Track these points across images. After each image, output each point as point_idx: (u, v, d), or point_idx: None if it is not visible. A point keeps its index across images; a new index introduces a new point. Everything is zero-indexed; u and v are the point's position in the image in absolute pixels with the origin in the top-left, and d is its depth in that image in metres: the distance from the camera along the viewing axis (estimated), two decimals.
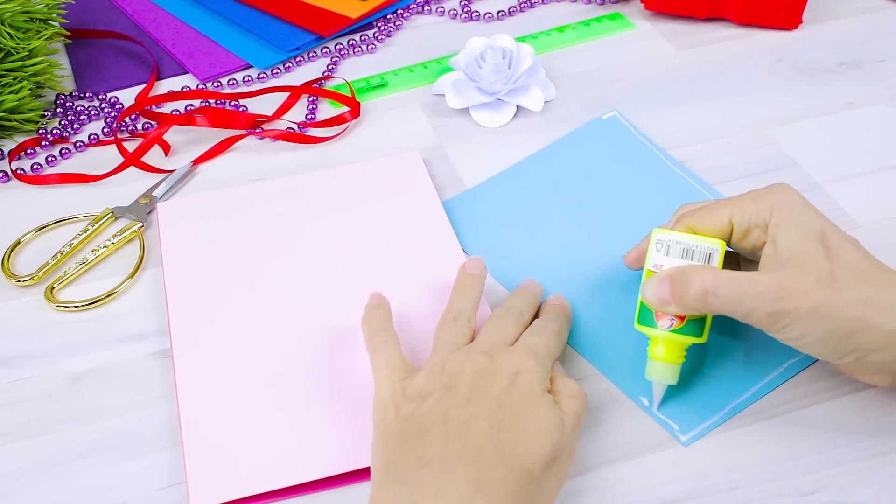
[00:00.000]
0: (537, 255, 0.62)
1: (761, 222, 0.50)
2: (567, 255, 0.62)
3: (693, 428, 0.53)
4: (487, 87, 0.74)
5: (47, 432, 0.54)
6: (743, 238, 0.51)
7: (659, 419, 0.53)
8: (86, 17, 0.87)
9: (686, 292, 0.49)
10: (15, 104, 0.73)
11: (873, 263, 0.49)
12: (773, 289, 0.47)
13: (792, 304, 0.47)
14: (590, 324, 0.58)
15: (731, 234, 0.51)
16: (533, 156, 0.70)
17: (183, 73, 0.81)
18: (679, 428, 0.53)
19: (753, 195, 0.51)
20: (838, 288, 0.47)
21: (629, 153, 0.70)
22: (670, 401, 0.54)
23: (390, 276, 0.61)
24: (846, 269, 0.48)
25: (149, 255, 0.65)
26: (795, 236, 0.49)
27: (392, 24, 0.85)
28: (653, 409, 0.54)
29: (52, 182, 0.70)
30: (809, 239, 0.49)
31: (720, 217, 0.51)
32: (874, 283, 0.48)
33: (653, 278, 0.51)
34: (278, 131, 0.73)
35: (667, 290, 0.50)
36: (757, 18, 0.82)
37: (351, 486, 0.51)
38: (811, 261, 0.48)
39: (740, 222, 0.51)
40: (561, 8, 0.87)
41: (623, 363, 0.56)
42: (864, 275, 0.48)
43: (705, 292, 0.48)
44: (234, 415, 0.53)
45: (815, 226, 0.49)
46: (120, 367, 0.57)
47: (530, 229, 0.64)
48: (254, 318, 0.59)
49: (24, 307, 0.61)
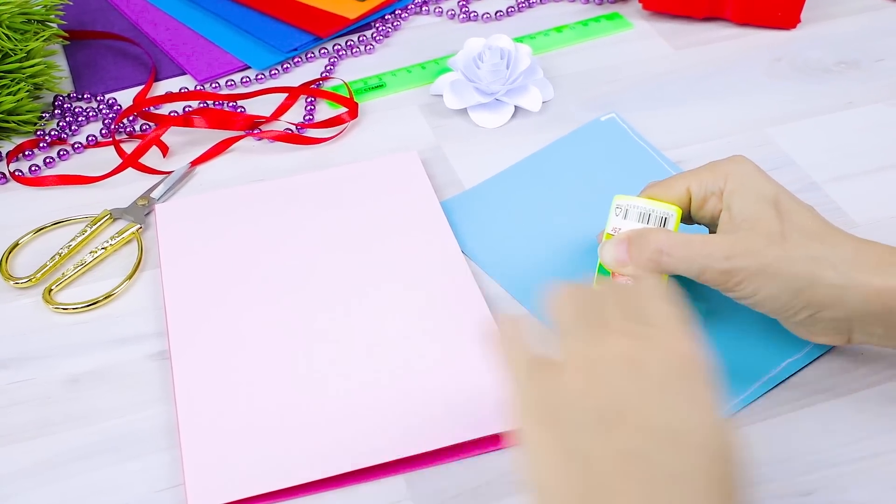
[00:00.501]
0: (535, 255, 0.62)
1: (717, 190, 0.53)
2: (564, 255, 0.62)
3: None
4: (485, 87, 0.74)
5: (45, 434, 0.54)
6: (701, 207, 0.53)
7: None
8: (84, 18, 0.87)
9: (642, 253, 0.51)
10: (13, 106, 0.73)
11: (825, 226, 0.51)
12: (724, 248, 0.49)
13: (743, 263, 0.49)
14: None
15: (689, 203, 0.54)
16: (531, 157, 0.70)
17: (181, 74, 0.81)
18: None
19: (710, 166, 0.54)
20: (788, 247, 0.49)
21: (626, 155, 0.70)
22: None
23: (388, 277, 0.61)
24: (797, 229, 0.50)
25: (147, 257, 0.65)
26: (749, 201, 0.51)
27: (390, 24, 0.85)
28: None
29: (50, 184, 0.70)
30: (762, 203, 0.51)
31: (679, 187, 0.54)
32: (824, 241, 0.50)
33: (611, 240, 0.53)
34: (276, 132, 0.73)
35: (623, 252, 0.52)
36: (755, 18, 0.82)
37: (350, 487, 0.51)
38: (763, 223, 0.50)
39: (697, 191, 0.53)
40: (559, 8, 0.87)
41: None
42: (815, 235, 0.50)
43: (660, 252, 0.50)
44: (232, 416, 0.53)
45: (768, 191, 0.51)
46: (118, 369, 0.57)
47: (528, 230, 0.64)
48: (252, 319, 0.59)
49: (22, 309, 0.61)
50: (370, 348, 0.56)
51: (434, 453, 0.52)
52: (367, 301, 0.59)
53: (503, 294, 0.60)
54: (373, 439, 0.52)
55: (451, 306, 0.59)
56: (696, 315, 0.50)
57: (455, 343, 0.56)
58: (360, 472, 0.51)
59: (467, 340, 0.57)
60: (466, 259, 0.62)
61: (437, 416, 0.53)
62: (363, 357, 0.56)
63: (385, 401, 0.54)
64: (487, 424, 0.52)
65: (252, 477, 0.50)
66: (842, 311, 0.49)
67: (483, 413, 0.52)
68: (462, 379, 0.55)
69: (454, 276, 0.60)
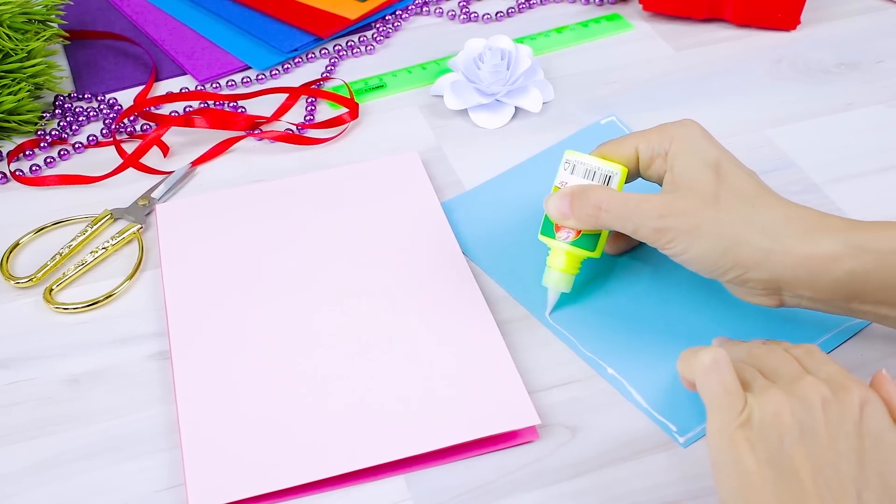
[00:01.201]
0: (536, 257, 0.62)
1: (662, 152, 0.55)
2: None
3: (691, 429, 0.53)
4: (486, 88, 0.74)
5: (46, 434, 0.54)
6: (648, 167, 0.55)
7: (657, 421, 0.53)
8: (84, 18, 0.87)
9: (582, 208, 0.54)
10: (13, 105, 0.73)
11: (761, 190, 0.53)
12: (658, 207, 0.52)
13: (674, 222, 0.51)
14: (588, 318, 0.58)
15: (637, 163, 0.56)
16: (531, 159, 0.70)
17: (182, 74, 0.81)
18: (677, 429, 0.53)
19: (659, 128, 0.56)
20: (720, 208, 0.51)
21: None
22: (668, 402, 0.54)
23: (389, 278, 0.61)
24: (732, 193, 0.52)
25: (147, 257, 0.65)
26: (690, 164, 0.53)
27: (391, 25, 0.85)
28: (546, 317, 0.58)
29: (50, 183, 0.70)
30: (703, 166, 0.53)
31: (628, 147, 0.56)
32: (755, 205, 0.51)
33: (556, 193, 0.55)
34: (277, 132, 0.73)
35: (566, 205, 0.55)
36: (755, 19, 0.82)
37: (351, 488, 0.51)
38: (700, 184, 0.52)
39: (645, 152, 0.55)
40: (559, 9, 0.87)
41: (625, 356, 0.56)
42: (748, 198, 0.52)
43: (598, 209, 0.53)
44: (232, 416, 0.53)
45: (710, 155, 0.53)
46: (119, 369, 0.57)
47: (530, 230, 0.64)
48: (252, 319, 0.59)
49: (22, 309, 0.61)
50: (370, 348, 0.56)
51: (434, 453, 0.52)
52: (367, 301, 0.59)
53: (504, 295, 0.60)
54: (373, 439, 0.52)
55: (451, 307, 0.59)
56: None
57: (455, 343, 0.57)
58: (361, 472, 0.51)
59: (467, 341, 0.57)
60: (467, 260, 0.62)
61: (437, 417, 0.53)
62: (363, 357, 0.56)
63: (385, 401, 0.54)
64: (487, 425, 0.52)
65: (252, 477, 0.50)
66: (767, 273, 0.50)
67: (483, 413, 0.53)
68: (462, 379, 0.55)
69: (455, 277, 0.61)
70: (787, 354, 0.48)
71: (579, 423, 0.53)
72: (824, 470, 0.42)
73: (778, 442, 0.42)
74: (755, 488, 0.42)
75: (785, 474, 0.42)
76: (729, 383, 0.45)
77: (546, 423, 0.53)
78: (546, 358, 0.57)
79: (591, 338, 0.58)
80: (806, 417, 0.43)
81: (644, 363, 0.56)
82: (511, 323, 0.59)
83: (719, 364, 0.45)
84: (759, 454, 0.42)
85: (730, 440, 0.43)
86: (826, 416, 0.43)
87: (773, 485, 0.42)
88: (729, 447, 0.43)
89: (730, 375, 0.45)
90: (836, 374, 0.45)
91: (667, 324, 0.58)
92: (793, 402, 0.43)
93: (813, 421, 0.43)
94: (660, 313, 0.59)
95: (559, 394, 0.55)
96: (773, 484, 0.42)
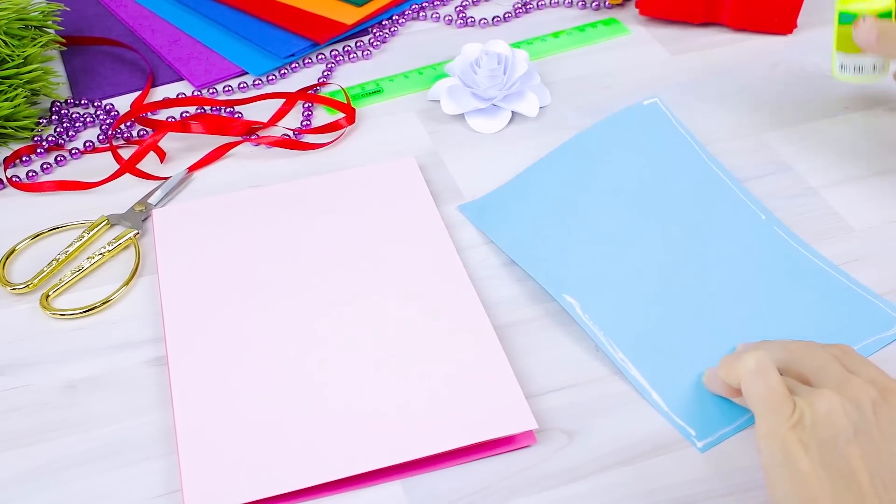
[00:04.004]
0: (571, 249, 0.61)
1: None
2: (600, 248, 0.61)
3: (710, 434, 0.52)
4: (483, 92, 0.74)
5: (43, 440, 0.54)
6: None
7: (677, 425, 0.53)
8: (81, 24, 0.87)
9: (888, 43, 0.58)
10: (10, 112, 0.73)
11: None
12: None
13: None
14: (612, 318, 0.57)
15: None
16: (566, 144, 0.68)
17: (178, 79, 0.81)
18: (696, 434, 0.52)
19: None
20: None
21: (665, 146, 0.67)
22: (689, 406, 0.53)
23: (385, 283, 0.61)
24: None
25: (144, 263, 0.64)
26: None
27: (387, 30, 0.85)
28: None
29: (47, 189, 0.70)
30: None
31: None
32: None
33: (865, 24, 0.59)
34: (274, 138, 0.73)
35: (874, 38, 0.58)
36: (752, 23, 0.82)
37: (347, 493, 0.51)
38: None
39: None
40: (556, 13, 0.87)
41: (647, 358, 0.55)
42: None
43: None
44: (229, 422, 0.53)
45: None
46: (115, 375, 0.57)
47: (562, 224, 0.62)
48: (249, 325, 0.59)
49: (19, 315, 0.61)
50: (367, 354, 0.56)
51: (431, 458, 0.52)
52: (363, 307, 0.59)
53: (503, 299, 0.60)
54: (370, 444, 0.52)
55: (448, 312, 0.59)
56: None
57: (452, 348, 0.56)
58: (358, 477, 0.51)
59: (464, 345, 0.57)
60: (464, 265, 0.62)
61: (435, 421, 0.53)
62: (360, 362, 0.56)
63: (381, 406, 0.54)
64: (484, 429, 0.52)
65: (249, 483, 0.50)
66: None
67: (480, 418, 0.53)
68: (459, 384, 0.55)
69: (452, 282, 0.60)
70: (827, 354, 0.47)
71: (577, 428, 0.53)
72: (880, 470, 0.42)
73: (832, 442, 0.42)
74: (811, 489, 0.42)
75: (841, 474, 0.42)
76: (775, 385, 0.44)
77: (543, 428, 0.53)
78: (543, 363, 0.57)
79: (617, 337, 0.56)
80: (858, 419, 0.43)
81: (666, 366, 0.55)
82: (508, 328, 0.59)
83: (764, 367, 0.45)
84: (813, 455, 0.42)
85: (782, 442, 0.43)
86: (877, 418, 0.43)
87: (829, 485, 0.41)
88: (781, 449, 0.43)
89: (775, 377, 0.45)
90: (878, 376, 0.45)
91: (691, 326, 0.57)
92: (844, 403, 0.43)
93: (866, 423, 0.43)
94: (683, 316, 0.57)
95: (556, 398, 0.55)
96: (828, 484, 0.41)
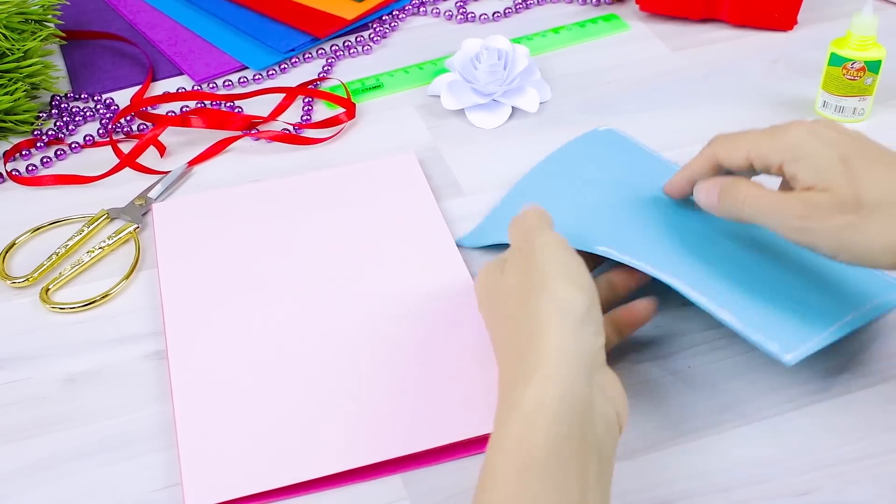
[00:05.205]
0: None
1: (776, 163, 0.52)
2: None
3: (796, 347, 0.50)
4: (483, 88, 0.74)
5: (42, 434, 0.54)
6: (766, 171, 0.53)
7: (755, 342, 0.50)
8: (81, 18, 0.87)
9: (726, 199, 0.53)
10: (10, 105, 0.73)
11: None
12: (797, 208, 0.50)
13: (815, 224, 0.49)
14: (664, 248, 0.56)
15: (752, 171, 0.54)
16: (532, 170, 0.67)
17: (178, 74, 0.81)
18: (780, 348, 0.50)
19: (769, 133, 0.52)
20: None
21: (629, 159, 0.67)
22: (763, 322, 0.51)
23: (386, 277, 0.61)
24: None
25: (144, 257, 0.65)
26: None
27: (387, 25, 0.85)
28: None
29: (47, 183, 0.70)
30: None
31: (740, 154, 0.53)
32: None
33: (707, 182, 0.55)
34: (274, 132, 0.73)
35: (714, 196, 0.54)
36: (752, 19, 0.82)
37: (347, 487, 0.51)
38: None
39: (758, 161, 0.52)
40: (556, 9, 0.87)
41: (708, 279, 0.53)
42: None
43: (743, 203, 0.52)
44: (228, 415, 0.53)
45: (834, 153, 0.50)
46: (115, 369, 0.57)
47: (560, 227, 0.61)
48: (248, 318, 0.59)
49: (19, 308, 0.61)
50: (367, 348, 0.56)
51: (431, 452, 0.52)
52: (363, 301, 0.59)
53: None
54: (370, 438, 0.52)
55: (447, 306, 0.59)
56: None
57: (452, 342, 0.57)
58: (358, 471, 0.51)
59: (464, 340, 0.57)
60: (463, 259, 0.62)
61: (435, 416, 0.53)
62: (360, 356, 0.56)
63: (381, 400, 0.54)
64: (485, 423, 0.52)
65: (249, 476, 0.50)
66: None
67: (480, 412, 0.53)
68: (459, 378, 0.55)
69: (451, 277, 0.61)
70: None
71: None
72: None
73: None
74: None
75: None
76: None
77: None
78: None
79: (671, 264, 0.54)
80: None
81: (731, 284, 0.53)
82: None
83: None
84: None
85: None
86: None
87: None
88: None
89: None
90: None
91: (753, 254, 0.55)
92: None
93: None
94: (741, 251, 0.56)
95: None
96: None
